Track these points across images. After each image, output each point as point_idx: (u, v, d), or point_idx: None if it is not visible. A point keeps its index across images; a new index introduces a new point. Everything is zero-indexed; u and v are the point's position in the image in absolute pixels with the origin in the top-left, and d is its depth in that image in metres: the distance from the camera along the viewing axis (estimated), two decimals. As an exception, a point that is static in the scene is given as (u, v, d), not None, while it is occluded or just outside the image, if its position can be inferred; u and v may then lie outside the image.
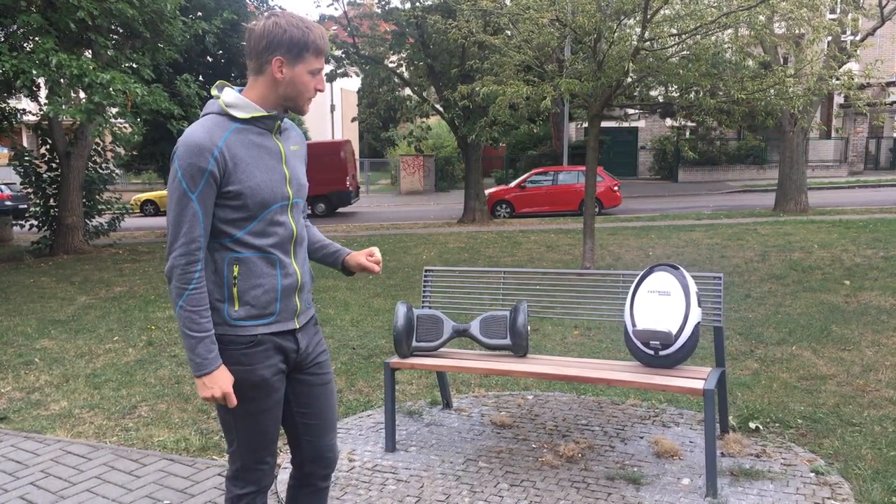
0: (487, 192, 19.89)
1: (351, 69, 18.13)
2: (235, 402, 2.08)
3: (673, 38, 8.11)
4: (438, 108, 17.47)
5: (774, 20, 9.47)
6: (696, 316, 3.41)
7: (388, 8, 17.01)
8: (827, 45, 12.90)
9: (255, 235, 2.09)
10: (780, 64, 11.84)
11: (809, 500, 3.11)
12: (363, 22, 18.08)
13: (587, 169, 9.22)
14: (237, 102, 2.09)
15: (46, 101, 10.58)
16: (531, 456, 3.68)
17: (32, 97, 12.67)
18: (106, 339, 6.63)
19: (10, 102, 13.98)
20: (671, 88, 9.63)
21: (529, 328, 6.39)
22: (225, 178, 2.03)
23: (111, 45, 11.18)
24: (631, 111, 27.37)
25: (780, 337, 5.87)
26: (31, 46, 10.66)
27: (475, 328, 3.82)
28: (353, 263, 2.43)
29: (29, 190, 14.39)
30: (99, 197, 14.95)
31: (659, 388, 3.27)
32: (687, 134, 29.95)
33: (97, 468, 3.73)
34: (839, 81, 8.90)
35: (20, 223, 15.73)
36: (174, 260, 2.02)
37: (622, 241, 12.76)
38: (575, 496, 3.23)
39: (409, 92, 18.84)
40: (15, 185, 19.09)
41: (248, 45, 2.09)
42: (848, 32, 14.81)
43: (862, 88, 9.76)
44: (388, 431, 3.81)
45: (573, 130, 29.82)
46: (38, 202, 14.19)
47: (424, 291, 4.26)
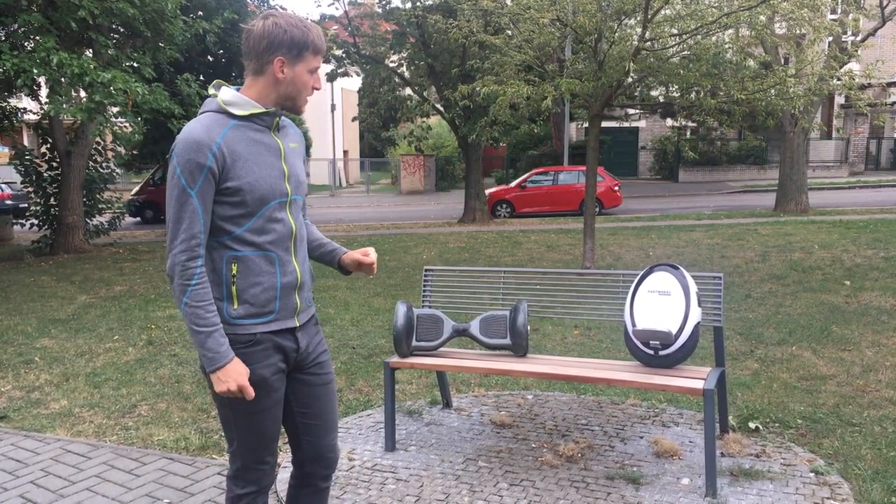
0: (488, 191, 19.89)
1: (351, 69, 18.13)
2: (253, 394, 2.07)
3: (674, 38, 8.11)
4: (439, 107, 17.47)
5: (775, 20, 9.47)
6: (695, 316, 3.41)
7: (388, 8, 17.01)
8: (828, 45, 12.90)
9: (253, 233, 2.09)
10: (780, 64, 11.84)
11: (809, 500, 3.11)
12: (364, 21, 18.07)
13: (587, 169, 9.22)
14: (235, 100, 2.09)
15: (47, 100, 10.59)
16: (531, 455, 3.68)
17: (33, 96, 12.68)
18: (106, 338, 6.64)
19: (10, 101, 13.98)
20: (672, 88, 9.62)
21: (529, 328, 6.39)
22: (223, 174, 2.03)
23: (112, 44, 11.18)
24: (631, 111, 27.37)
25: (780, 337, 5.87)
26: (31, 45, 10.67)
27: (475, 328, 3.82)
28: (349, 262, 2.43)
29: (29, 189, 14.38)
30: (99, 196, 14.94)
31: (659, 387, 3.27)
32: (688, 134, 29.94)
33: (97, 467, 3.73)
34: (840, 82, 8.90)
35: (20, 222, 15.73)
36: (175, 257, 2.02)
37: (622, 240, 12.76)
38: (574, 496, 3.23)
39: (409, 92, 18.84)
40: (15, 184, 19.09)
41: (246, 45, 2.09)
42: (849, 33, 14.80)
43: (863, 89, 9.76)
44: (387, 431, 3.81)
45: (574, 130, 29.82)
46: (38, 201, 14.19)
47: (424, 291, 4.26)
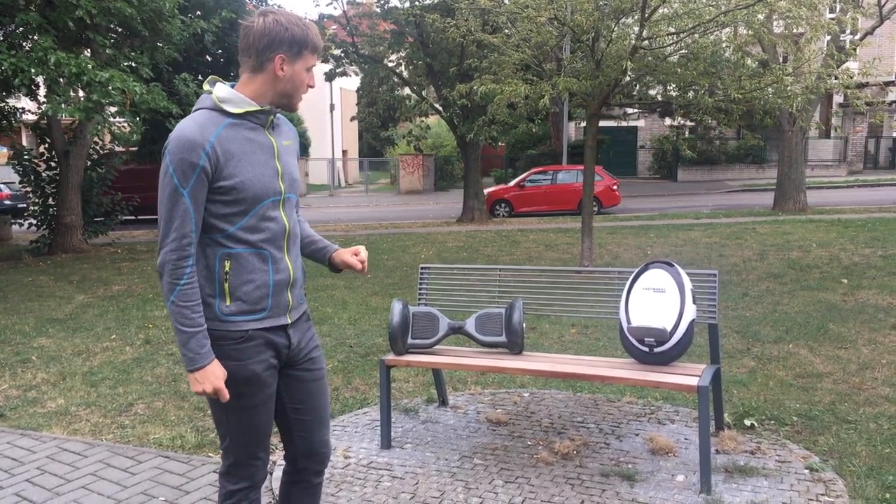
0: (486, 191, 19.90)
1: (350, 68, 18.12)
2: (228, 396, 2.08)
3: (671, 36, 8.11)
4: (437, 107, 17.47)
5: (773, 18, 9.48)
6: (690, 313, 3.41)
7: (387, 7, 17.01)
8: (826, 44, 12.91)
9: (247, 231, 2.09)
10: (778, 63, 11.85)
11: (803, 496, 3.12)
12: (362, 21, 18.07)
13: (585, 168, 9.22)
14: (230, 97, 2.09)
15: (45, 99, 10.59)
16: (526, 453, 3.68)
17: (32, 96, 12.68)
18: (103, 337, 6.64)
19: (9, 101, 13.97)
20: (670, 87, 9.62)
21: (525, 326, 6.39)
22: (216, 173, 2.03)
23: (110, 43, 11.18)
24: (630, 110, 27.37)
25: (777, 335, 5.87)
26: (29, 45, 10.67)
27: (471, 325, 3.83)
28: (338, 261, 2.43)
29: (28, 189, 14.38)
30: (98, 196, 14.94)
31: (653, 384, 3.28)
32: (686, 133, 29.96)
33: (93, 465, 3.73)
34: (837, 80, 8.90)
35: (19, 222, 15.73)
36: (165, 255, 2.02)
37: (621, 239, 12.76)
38: (569, 493, 3.23)
39: (408, 91, 18.84)
40: (14, 184, 19.09)
41: (245, 42, 2.08)
42: (847, 31, 14.81)
43: (861, 87, 9.76)
44: (383, 429, 3.82)
45: (573, 129, 29.84)
46: (36, 201, 14.19)
47: (420, 289, 4.26)
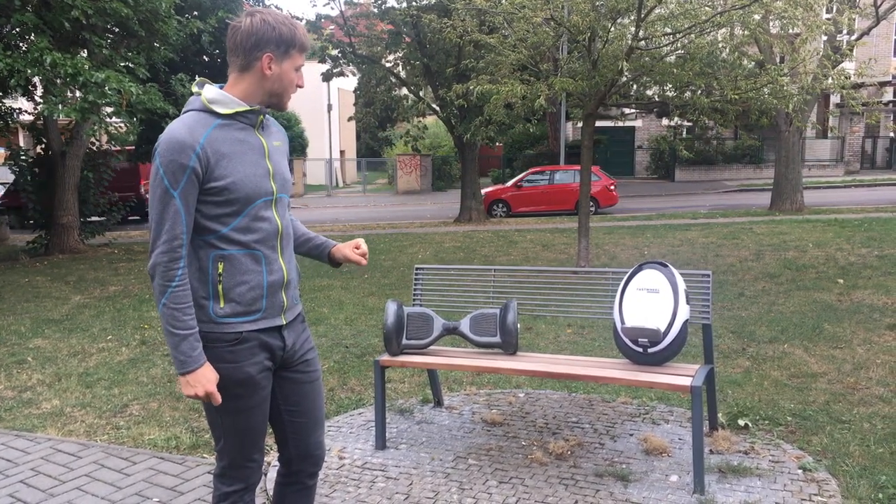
0: (484, 191, 19.89)
1: (347, 69, 18.11)
2: (220, 400, 2.07)
3: (667, 37, 8.12)
4: (434, 107, 17.48)
5: (769, 19, 9.48)
6: (684, 313, 3.41)
7: (384, 7, 17.01)
8: (822, 44, 12.92)
9: (239, 231, 2.09)
10: (775, 63, 11.86)
11: (796, 496, 3.12)
12: (360, 21, 18.07)
13: (581, 168, 9.23)
14: (219, 98, 2.09)
15: (41, 100, 10.57)
16: (521, 453, 3.69)
17: (29, 96, 12.66)
18: (99, 338, 6.63)
19: (6, 102, 13.96)
20: (667, 88, 9.64)
21: (521, 326, 6.39)
22: (207, 173, 2.03)
23: (106, 44, 11.17)
24: (627, 110, 27.39)
25: (772, 335, 5.88)
26: (26, 46, 10.65)
27: (465, 326, 3.83)
28: (339, 256, 2.44)
29: (25, 189, 14.35)
30: (95, 196, 14.92)
31: (646, 385, 3.29)
32: (684, 133, 29.99)
33: (87, 466, 3.73)
34: (831, 81, 8.92)
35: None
36: (157, 257, 2.01)
37: (618, 240, 12.77)
38: (563, 493, 3.23)
39: (405, 91, 18.83)
40: (10, 184, 19.03)
41: (232, 41, 2.09)
42: (844, 32, 14.83)
43: (857, 88, 9.78)
44: (377, 429, 3.82)
45: (570, 129, 29.85)
46: (33, 201, 14.17)
47: (415, 289, 4.27)
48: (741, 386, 4.64)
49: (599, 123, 16.89)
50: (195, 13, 14.53)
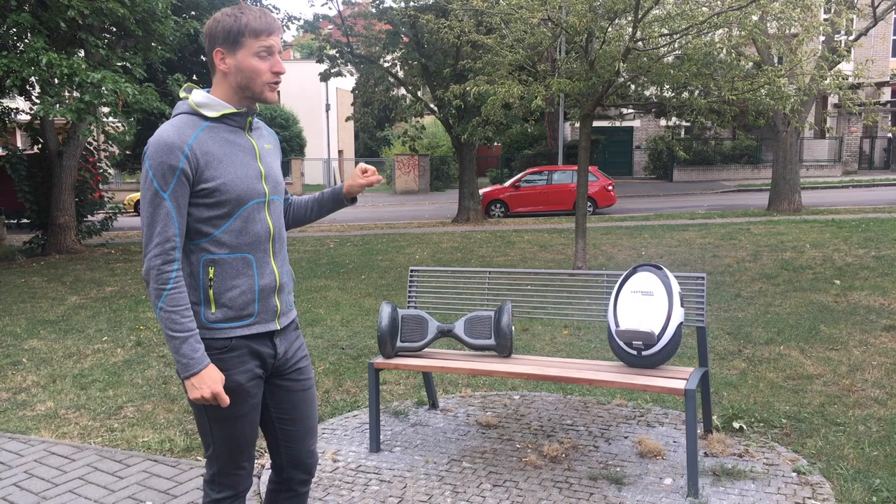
0: (482, 191, 19.89)
1: (345, 69, 18.11)
2: (227, 401, 2.05)
3: (664, 38, 8.11)
4: (432, 107, 17.47)
5: (767, 20, 9.48)
6: (678, 316, 3.41)
7: (382, 7, 17.01)
8: (820, 45, 12.92)
9: (231, 234, 2.07)
10: (772, 64, 11.87)
11: (790, 499, 3.12)
12: (357, 21, 18.06)
13: (579, 169, 9.22)
14: (207, 102, 2.09)
15: (38, 100, 10.55)
16: (515, 456, 3.68)
17: (26, 96, 12.63)
18: (95, 339, 6.62)
19: (2, 102, 13.93)
20: (665, 88, 9.63)
21: (517, 327, 6.39)
22: (197, 175, 2.02)
23: (103, 44, 11.15)
24: (626, 111, 27.40)
25: (768, 336, 5.88)
26: (22, 46, 10.64)
27: (459, 328, 3.82)
28: (353, 191, 2.44)
29: (21, 189, 14.33)
30: (92, 196, 14.91)
31: (640, 388, 3.28)
32: (682, 133, 30.00)
33: (80, 469, 3.72)
34: (827, 81, 8.92)
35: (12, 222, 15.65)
36: (150, 261, 2.00)
37: (615, 240, 12.77)
38: (557, 496, 3.22)
39: (403, 91, 18.82)
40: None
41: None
42: (842, 32, 14.84)
43: (854, 88, 9.77)
44: (372, 432, 3.81)
45: (569, 129, 29.85)
46: (30, 202, 14.15)
47: (410, 292, 4.26)
48: (737, 388, 4.63)
49: (597, 123, 16.89)
50: (192, 13, 14.51)
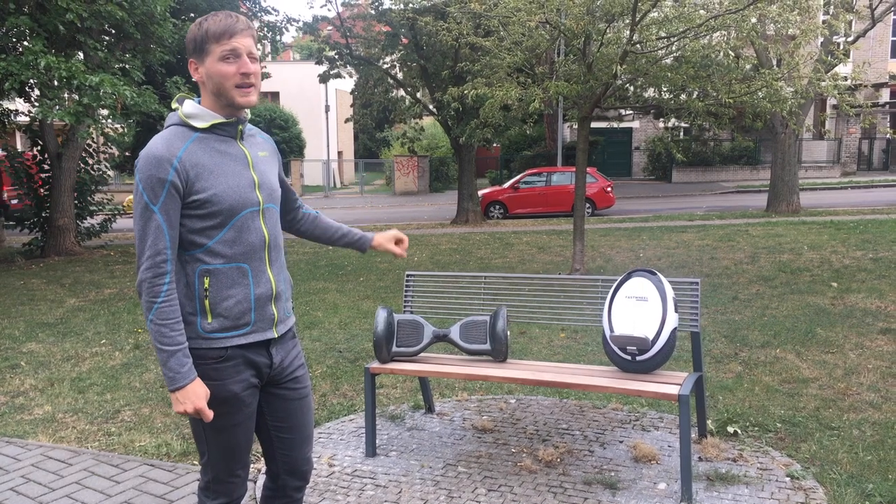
0: (481, 192, 19.91)
1: (344, 70, 18.13)
2: (210, 416, 2.07)
3: (662, 40, 8.13)
4: (431, 108, 17.50)
5: (765, 23, 9.50)
6: (672, 321, 3.42)
7: (381, 9, 17.03)
8: (818, 47, 12.94)
9: (225, 244, 2.08)
10: (770, 66, 11.88)
11: (783, 504, 3.13)
12: (356, 23, 18.09)
13: (577, 170, 9.24)
14: (197, 112, 2.10)
15: (36, 102, 10.57)
16: (510, 461, 3.69)
17: (26, 98, 12.64)
18: (93, 342, 6.63)
19: (2, 104, 13.95)
20: (663, 90, 9.65)
21: (514, 330, 6.40)
22: (188, 187, 2.03)
23: (101, 47, 11.17)
24: (624, 112, 27.42)
25: (764, 339, 5.89)
26: (21, 49, 10.65)
27: (455, 333, 3.83)
28: (382, 249, 2.64)
29: (21, 192, 14.36)
30: (91, 198, 14.92)
31: (634, 393, 3.29)
32: (681, 135, 30.03)
33: (77, 473, 3.74)
34: (825, 84, 8.93)
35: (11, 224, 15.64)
36: (142, 274, 2.01)
37: (614, 242, 12.78)
38: (552, 501, 3.24)
39: (402, 93, 18.84)
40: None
41: None
42: (841, 34, 14.86)
43: (852, 90, 9.79)
44: (368, 436, 3.82)
45: (568, 131, 29.87)
46: (29, 203, 14.17)
47: (406, 296, 4.27)
48: (732, 391, 4.65)
49: (596, 124, 16.90)
50: (191, 15, 14.53)
